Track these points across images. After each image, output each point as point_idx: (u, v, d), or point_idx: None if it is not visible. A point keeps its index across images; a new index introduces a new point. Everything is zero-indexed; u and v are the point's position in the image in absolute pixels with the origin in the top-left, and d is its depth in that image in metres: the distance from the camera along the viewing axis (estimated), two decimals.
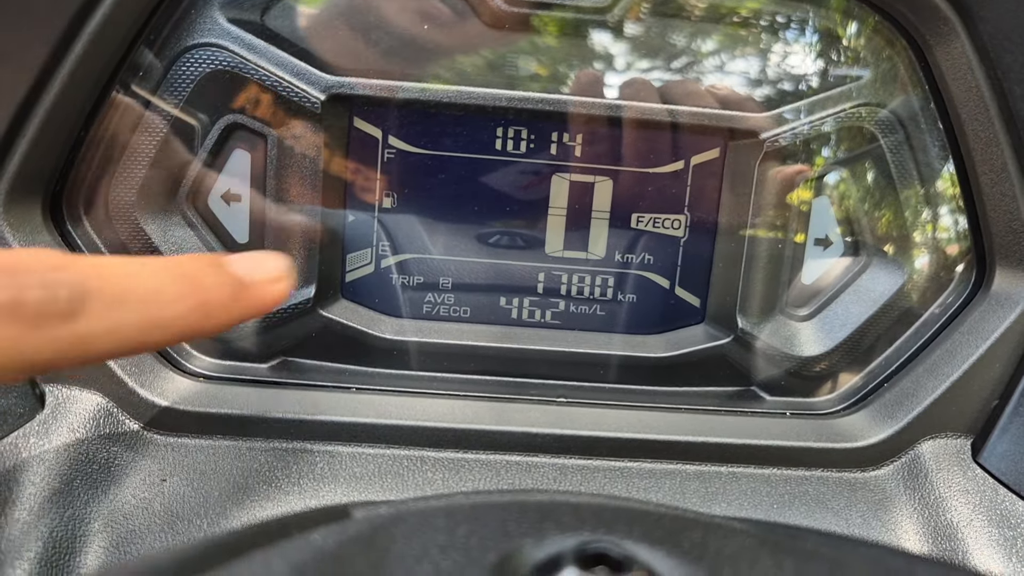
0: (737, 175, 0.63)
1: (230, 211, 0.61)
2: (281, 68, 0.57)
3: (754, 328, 0.65)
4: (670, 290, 0.66)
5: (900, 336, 0.65)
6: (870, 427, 0.63)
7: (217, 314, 0.46)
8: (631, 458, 0.60)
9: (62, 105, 0.52)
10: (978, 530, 0.58)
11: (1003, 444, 0.61)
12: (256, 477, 0.56)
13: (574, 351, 0.65)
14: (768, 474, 0.61)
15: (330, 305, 0.63)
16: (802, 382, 0.66)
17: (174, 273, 0.45)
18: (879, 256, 0.65)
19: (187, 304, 0.45)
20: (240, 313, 0.48)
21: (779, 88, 0.62)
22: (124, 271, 0.43)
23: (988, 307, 0.62)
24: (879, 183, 0.63)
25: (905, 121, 0.62)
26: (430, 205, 0.63)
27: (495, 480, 0.58)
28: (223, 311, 0.47)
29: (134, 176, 0.58)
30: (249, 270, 0.49)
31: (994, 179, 0.59)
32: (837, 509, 0.60)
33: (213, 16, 0.57)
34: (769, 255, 0.64)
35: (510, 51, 0.60)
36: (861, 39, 0.61)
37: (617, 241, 0.65)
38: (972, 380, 0.62)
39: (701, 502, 0.59)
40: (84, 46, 0.51)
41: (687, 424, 0.62)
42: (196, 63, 0.57)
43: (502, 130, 0.62)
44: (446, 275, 0.65)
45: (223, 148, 0.59)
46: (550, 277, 0.65)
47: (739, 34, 0.61)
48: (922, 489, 0.60)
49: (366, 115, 0.61)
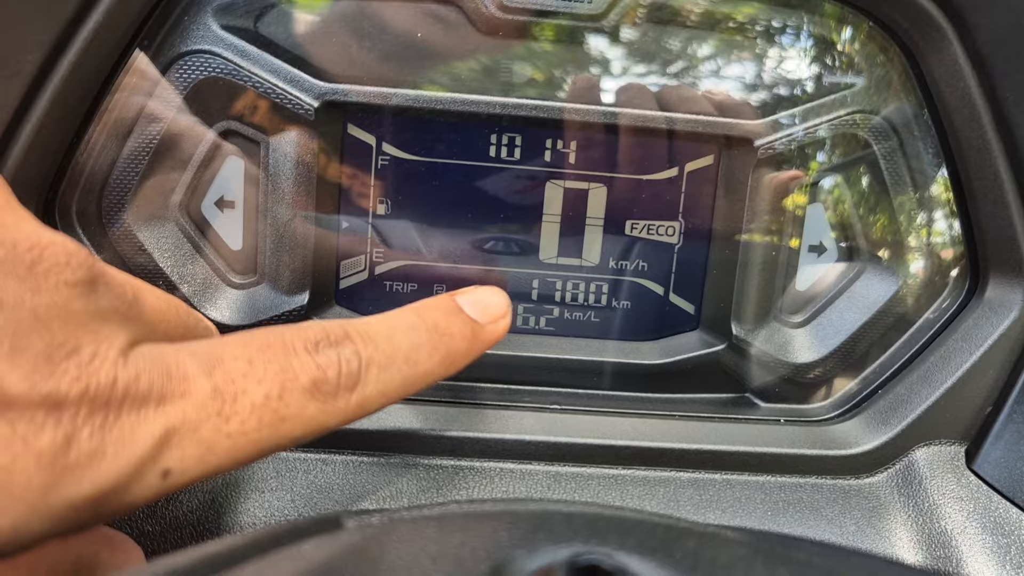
0: (731, 182, 0.63)
1: (224, 218, 0.61)
2: (275, 75, 0.57)
3: (748, 335, 0.65)
4: (664, 297, 0.66)
5: (894, 343, 0.65)
6: (864, 434, 0.63)
7: (457, 362, 0.48)
8: (625, 465, 0.60)
9: (55, 112, 0.52)
10: (972, 537, 0.58)
11: (997, 451, 0.61)
12: (250, 485, 0.56)
13: (568, 358, 0.65)
14: (762, 481, 0.61)
15: (324, 312, 0.63)
16: (796, 389, 0.66)
17: (427, 327, 0.47)
18: (873, 262, 0.65)
19: (439, 356, 0.47)
20: (471, 357, 0.50)
21: (773, 95, 0.62)
22: (387, 332, 0.45)
23: (981, 314, 0.62)
24: (873, 190, 0.64)
25: (899, 128, 0.62)
26: (424, 212, 0.63)
27: (488, 488, 0.58)
28: (461, 358, 0.49)
29: (127, 183, 0.58)
30: (480, 312, 0.51)
31: (987, 186, 0.60)
32: (831, 516, 0.60)
33: (206, 23, 0.56)
34: (763, 262, 0.64)
35: (504, 58, 0.60)
36: (855, 46, 0.62)
37: (611, 248, 0.65)
38: (966, 387, 0.62)
39: (695, 510, 0.59)
40: (77, 53, 0.51)
41: (681, 431, 0.62)
42: (189, 70, 0.57)
43: (496, 137, 0.62)
44: (440, 282, 0.64)
45: (217, 155, 0.59)
46: (544, 284, 0.65)
47: (733, 41, 0.61)
48: (916, 496, 0.60)
49: (360, 122, 0.61)
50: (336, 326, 0.43)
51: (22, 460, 0.30)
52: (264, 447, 0.38)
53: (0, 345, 0.31)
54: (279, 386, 0.38)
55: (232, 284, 0.61)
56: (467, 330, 0.49)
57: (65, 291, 0.34)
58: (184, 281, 0.60)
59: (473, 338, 0.49)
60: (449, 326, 0.48)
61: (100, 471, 0.32)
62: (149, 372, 0.35)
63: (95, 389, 0.33)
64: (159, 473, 0.34)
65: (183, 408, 0.35)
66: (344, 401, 0.41)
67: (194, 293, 0.60)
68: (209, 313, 0.60)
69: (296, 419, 0.39)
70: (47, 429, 0.31)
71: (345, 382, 0.41)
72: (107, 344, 0.34)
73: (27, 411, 0.31)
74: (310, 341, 0.41)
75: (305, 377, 0.39)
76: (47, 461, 0.31)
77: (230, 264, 0.61)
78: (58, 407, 0.32)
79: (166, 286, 0.59)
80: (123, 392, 0.34)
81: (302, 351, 0.40)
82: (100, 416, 0.33)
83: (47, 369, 0.32)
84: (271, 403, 0.38)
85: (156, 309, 0.40)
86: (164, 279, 0.59)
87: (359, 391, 0.41)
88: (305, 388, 0.39)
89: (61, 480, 0.31)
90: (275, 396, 0.38)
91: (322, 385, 0.40)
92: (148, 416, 0.34)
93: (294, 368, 0.39)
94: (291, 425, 0.39)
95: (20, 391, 0.31)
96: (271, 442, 0.38)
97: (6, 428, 0.30)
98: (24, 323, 0.32)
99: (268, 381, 0.38)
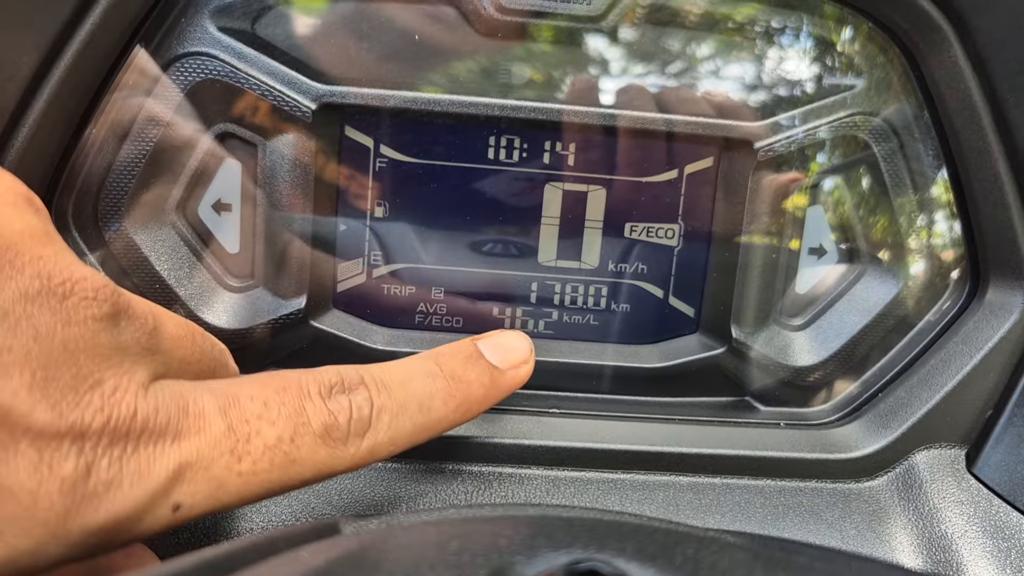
0: (731, 184, 0.63)
1: (220, 220, 0.61)
2: (272, 77, 0.57)
3: (748, 338, 0.64)
4: (664, 300, 0.66)
5: (894, 345, 0.65)
6: (864, 437, 0.62)
7: (473, 408, 0.49)
8: (624, 470, 0.60)
9: (52, 114, 0.52)
10: (972, 541, 0.57)
11: (998, 455, 0.61)
12: None
13: (567, 361, 0.65)
14: (762, 485, 0.61)
15: (321, 315, 0.63)
16: (796, 392, 0.66)
17: (445, 374, 0.48)
18: (873, 265, 0.65)
19: (454, 404, 0.47)
20: (489, 404, 0.51)
21: (773, 96, 0.62)
22: (403, 378, 0.46)
23: (982, 316, 0.62)
24: (873, 192, 0.63)
25: (899, 130, 0.62)
26: (422, 214, 0.63)
27: (486, 492, 0.58)
28: (477, 405, 0.50)
29: (124, 186, 0.57)
30: (500, 357, 0.52)
31: (987, 188, 0.59)
32: (831, 520, 0.59)
33: (204, 25, 0.56)
34: (763, 264, 0.64)
35: (503, 59, 0.60)
36: (855, 48, 0.61)
37: (610, 250, 0.64)
38: (966, 390, 0.61)
39: (695, 514, 0.59)
40: (74, 55, 0.51)
41: (681, 435, 0.61)
42: (187, 72, 0.56)
43: (495, 139, 0.61)
44: (438, 285, 0.64)
45: (214, 157, 0.59)
46: (543, 287, 0.65)
47: (733, 42, 0.61)
48: (916, 500, 0.60)
49: (358, 124, 0.60)
50: (352, 371, 0.44)
51: (47, 485, 0.32)
52: (273, 488, 0.39)
53: (34, 375, 0.32)
54: (292, 429, 0.40)
55: (229, 288, 0.61)
56: (485, 377, 0.50)
57: (92, 325, 0.35)
58: (181, 285, 0.59)
59: (491, 385, 0.50)
60: (467, 373, 0.49)
61: (116, 500, 0.34)
62: (168, 407, 0.36)
63: (116, 420, 0.34)
64: (171, 506, 0.36)
65: (198, 444, 0.37)
66: (354, 447, 0.42)
67: (191, 297, 0.60)
68: (206, 317, 0.60)
69: (306, 462, 0.40)
70: (71, 457, 0.33)
71: (356, 428, 0.42)
72: (128, 377, 0.36)
73: (54, 439, 0.32)
74: (324, 386, 0.42)
75: (317, 422, 0.41)
76: (69, 487, 0.32)
77: (227, 267, 0.61)
78: (81, 436, 0.33)
79: (163, 290, 0.59)
80: (142, 425, 0.35)
81: (316, 396, 0.41)
82: (119, 447, 0.34)
83: (73, 399, 0.33)
84: (283, 445, 0.39)
85: (174, 336, 0.41)
86: (161, 283, 0.59)
87: (369, 437, 0.43)
88: (316, 433, 0.40)
89: (80, 507, 0.33)
90: (287, 439, 0.39)
91: (333, 431, 0.41)
92: (164, 450, 0.35)
93: (307, 412, 0.41)
94: (301, 468, 0.40)
95: (49, 419, 0.32)
96: (280, 483, 0.39)
97: (34, 455, 0.32)
98: (55, 354, 0.33)
99: (281, 423, 0.39)
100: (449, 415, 0.47)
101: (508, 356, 0.52)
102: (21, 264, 0.34)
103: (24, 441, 0.32)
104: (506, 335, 0.54)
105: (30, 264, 0.34)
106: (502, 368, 0.51)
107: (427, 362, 0.48)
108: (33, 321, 0.33)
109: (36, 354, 0.33)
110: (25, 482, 0.31)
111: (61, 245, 0.37)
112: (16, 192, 0.37)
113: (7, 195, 0.37)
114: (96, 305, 0.35)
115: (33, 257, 0.34)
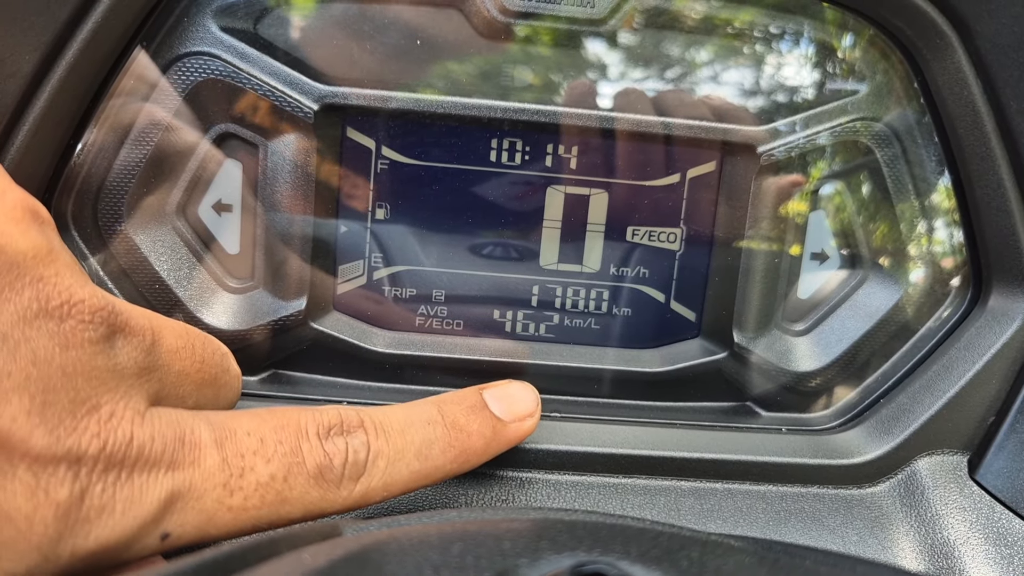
0: (733, 188, 0.62)
1: (221, 221, 0.60)
2: (274, 77, 0.57)
3: (750, 343, 0.64)
4: (665, 304, 0.65)
5: (896, 351, 0.65)
6: (866, 444, 0.62)
7: (472, 459, 0.48)
8: (625, 474, 0.60)
9: (52, 113, 0.52)
10: (975, 548, 0.57)
11: (1000, 461, 0.60)
12: None
13: (568, 365, 0.65)
14: (763, 491, 0.60)
15: (321, 317, 0.63)
16: (798, 398, 0.66)
17: (446, 423, 0.47)
18: (875, 270, 0.65)
19: (453, 454, 0.47)
20: (489, 456, 0.50)
21: (775, 101, 0.62)
22: (403, 424, 0.45)
23: (984, 323, 0.62)
24: (875, 197, 0.63)
25: (901, 135, 0.62)
26: (423, 216, 0.62)
27: (487, 496, 0.58)
28: (476, 456, 0.49)
29: (124, 186, 0.57)
30: (505, 409, 0.51)
31: (990, 193, 0.59)
32: (833, 526, 0.59)
33: (206, 25, 0.56)
34: (765, 269, 0.63)
35: (505, 62, 0.60)
36: (857, 52, 0.61)
37: (612, 254, 0.64)
38: (968, 397, 0.61)
39: (696, 519, 0.58)
40: (75, 54, 0.51)
41: (682, 440, 0.61)
42: (188, 72, 0.56)
43: (497, 141, 0.61)
44: (439, 287, 0.64)
45: (214, 158, 0.59)
46: (544, 290, 0.65)
47: (735, 47, 0.61)
48: (918, 506, 0.60)
49: (359, 125, 0.60)
50: (352, 413, 0.44)
51: (43, 510, 0.32)
52: (260, 525, 0.39)
53: (33, 399, 0.32)
54: (286, 468, 0.40)
55: (229, 289, 0.61)
56: (487, 429, 0.49)
57: (89, 348, 0.35)
58: (181, 286, 0.59)
59: (493, 437, 0.49)
60: (469, 423, 0.48)
61: (107, 527, 0.34)
62: (164, 435, 0.36)
63: (112, 447, 0.34)
64: (159, 535, 0.36)
65: (191, 476, 0.36)
66: (347, 490, 0.42)
67: (191, 298, 0.59)
68: (206, 318, 0.59)
69: (297, 502, 0.40)
70: (66, 482, 0.32)
71: (351, 472, 0.42)
72: (124, 403, 0.36)
73: (50, 464, 0.32)
74: (323, 426, 0.42)
75: (312, 462, 0.41)
76: (63, 512, 0.32)
77: (227, 268, 0.61)
78: (78, 462, 0.33)
79: (163, 291, 0.59)
80: (137, 452, 0.35)
81: (313, 436, 0.41)
82: (114, 473, 0.34)
83: (70, 424, 0.33)
84: (276, 484, 0.39)
85: (173, 349, 0.41)
86: (160, 284, 0.58)
87: (363, 482, 0.42)
88: (310, 473, 0.40)
89: (73, 532, 0.33)
90: (280, 477, 0.39)
91: (327, 473, 0.41)
92: (158, 479, 0.35)
93: (303, 452, 0.41)
94: (291, 508, 0.40)
95: (46, 444, 0.32)
96: (268, 521, 0.39)
97: (31, 479, 0.32)
98: (53, 379, 0.33)
99: (276, 461, 0.39)
100: (447, 464, 0.47)
101: (513, 408, 0.51)
102: (21, 286, 0.34)
103: (22, 466, 0.31)
104: (514, 386, 0.53)
105: (30, 286, 0.34)
106: (506, 420, 0.50)
107: (430, 409, 0.48)
108: (32, 345, 0.33)
109: (35, 378, 0.32)
110: (22, 506, 0.31)
111: (64, 263, 0.36)
112: (23, 206, 0.37)
113: (13, 210, 0.36)
114: (92, 328, 0.35)
115: (33, 278, 0.34)
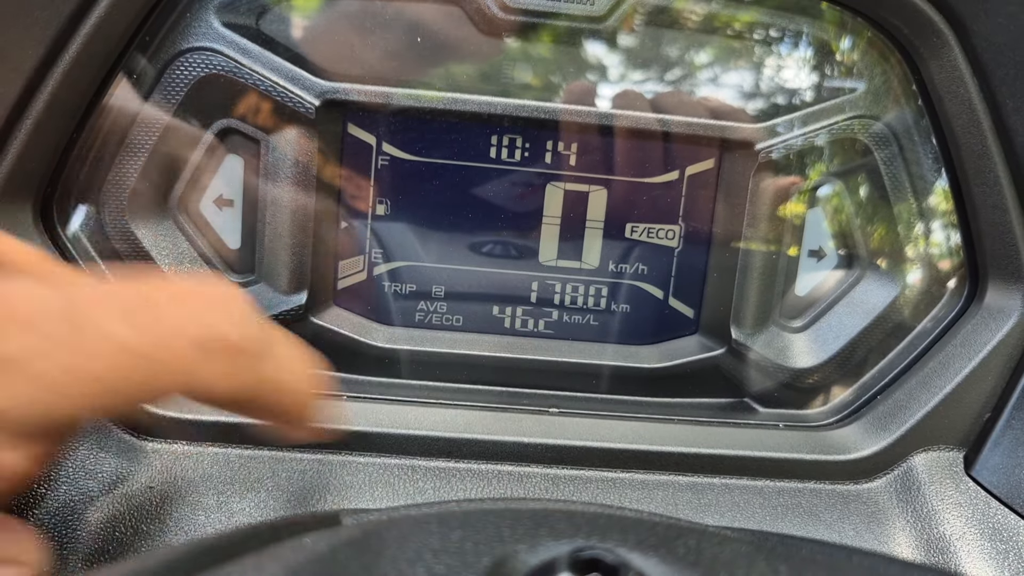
0: (731, 186, 0.63)
1: (222, 216, 0.61)
2: (275, 73, 0.57)
3: (747, 339, 0.65)
4: (664, 300, 0.66)
5: (893, 348, 0.65)
6: (863, 439, 0.62)
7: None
8: (623, 469, 0.60)
9: (55, 107, 0.52)
10: (970, 543, 0.57)
11: (995, 457, 0.61)
12: (245, 485, 0.56)
13: (567, 361, 0.65)
14: (761, 486, 0.61)
15: (322, 312, 0.63)
16: (795, 394, 0.66)
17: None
18: (872, 268, 0.65)
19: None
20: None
21: (774, 100, 0.62)
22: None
23: (981, 320, 0.62)
24: (873, 196, 0.64)
25: (899, 134, 0.62)
26: (423, 213, 0.63)
27: (486, 490, 0.58)
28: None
29: (126, 180, 0.57)
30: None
31: (986, 192, 0.60)
32: (830, 521, 0.59)
33: (208, 20, 0.56)
34: (763, 266, 0.64)
35: (505, 59, 0.60)
36: (855, 52, 0.62)
37: (611, 251, 0.65)
38: (965, 393, 0.62)
39: (693, 513, 0.58)
40: (78, 48, 0.51)
41: (680, 435, 0.61)
42: (190, 67, 0.56)
43: (497, 138, 0.62)
44: (439, 283, 0.64)
45: (216, 153, 0.59)
46: (543, 286, 0.65)
47: (734, 46, 0.61)
48: (915, 502, 0.60)
49: (360, 121, 0.61)
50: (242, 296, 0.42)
51: None
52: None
53: None
54: None
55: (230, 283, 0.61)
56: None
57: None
58: None
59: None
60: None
61: None
62: None
63: None
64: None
65: None
66: (248, 369, 0.40)
67: None
68: None
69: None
70: None
71: (254, 348, 0.40)
72: None
73: None
74: (217, 301, 0.39)
75: None
76: None
77: (228, 263, 0.61)
78: None
79: None
80: None
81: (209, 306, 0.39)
82: None
83: None
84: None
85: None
86: None
87: (261, 369, 0.40)
88: None
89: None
90: None
91: (227, 346, 0.39)
92: None
93: None
94: None
95: None
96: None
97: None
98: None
99: None
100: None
101: None
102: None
103: None
104: None
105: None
106: None
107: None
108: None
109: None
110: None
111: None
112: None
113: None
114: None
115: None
